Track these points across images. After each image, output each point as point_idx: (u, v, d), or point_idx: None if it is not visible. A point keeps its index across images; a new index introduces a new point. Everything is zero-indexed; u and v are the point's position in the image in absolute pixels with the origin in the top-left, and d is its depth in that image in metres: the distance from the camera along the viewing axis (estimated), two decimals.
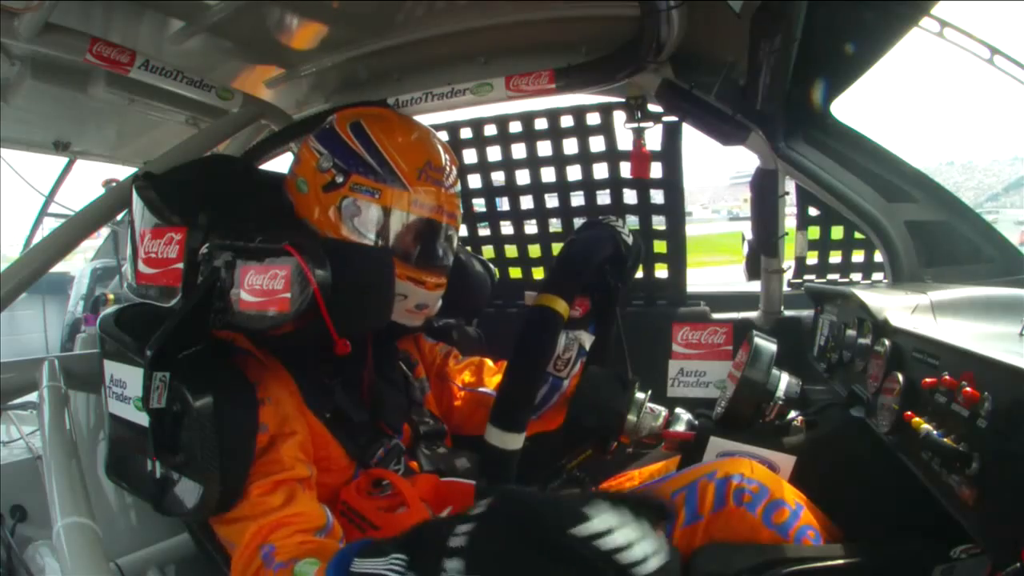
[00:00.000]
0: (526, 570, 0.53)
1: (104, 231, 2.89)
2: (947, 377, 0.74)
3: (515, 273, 2.06)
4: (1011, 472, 0.61)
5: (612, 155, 1.77)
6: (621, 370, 1.19)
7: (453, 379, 1.27)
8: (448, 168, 1.07)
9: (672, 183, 1.76)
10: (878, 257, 1.54)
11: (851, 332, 1.21)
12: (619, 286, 1.13)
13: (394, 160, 1.01)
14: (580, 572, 0.51)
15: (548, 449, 1.12)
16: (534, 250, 2.02)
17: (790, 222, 1.70)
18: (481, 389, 1.26)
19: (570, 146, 1.81)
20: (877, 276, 1.66)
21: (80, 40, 1.24)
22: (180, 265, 0.89)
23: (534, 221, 1.98)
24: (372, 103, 1.41)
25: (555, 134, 1.79)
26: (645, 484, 1.10)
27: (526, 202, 1.95)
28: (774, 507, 0.91)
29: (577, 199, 1.89)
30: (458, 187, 1.09)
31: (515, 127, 1.83)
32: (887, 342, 0.98)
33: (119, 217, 2.10)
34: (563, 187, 1.88)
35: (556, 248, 1.99)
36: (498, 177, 1.93)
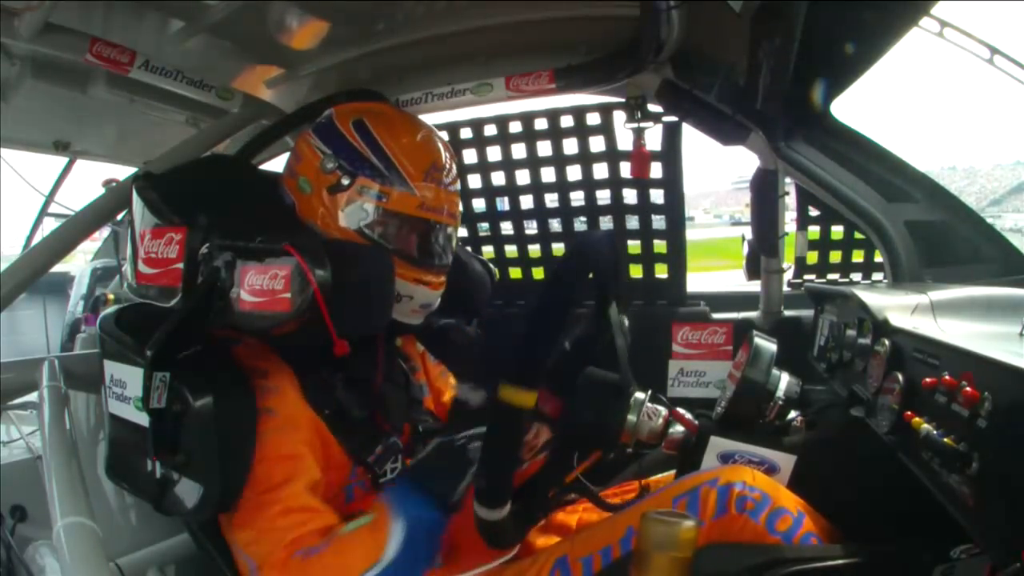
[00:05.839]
0: None
1: (104, 231, 2.89)
2: (947, 377, 0.73)
3: (515, 273, 2.06)
4: (1011, 472, 0.61)
5: (612, 155, 1.77)
6: (621, 371, 1.18)
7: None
8: (449, 167, 1.07)
9: (672, 183, 1.76)
10: (878, 257, 1.54)
11: (851, 332, 1.21)
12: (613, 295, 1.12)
13: (400, 163, 1.01)
14: None
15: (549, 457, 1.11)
16: (534, 250, 2.02)
17: (790, 223, 1.70)
18: None
19: (570, 146, 1.80)
20: (877, 276, 1.66)
21: (80, 40, 1.24)
22: (180, 265, 0.89)
23: (534, 221, 1.98)
24: (369, 92, 1.40)
25: (555, 134, 1.79)
26: (650, 494, 1.10)
27: (526, 202, 1.95)
28: (777, 515, 0.90)
29: (577, 199, 1.89)
30: (458, 185, 1.10)
31: (515, 127, 1.82)
32: (887, 342, 0.98)
33: (119, 217, 2.10)
34: (563, 187, 1.88)
35: (556, 249, 2.00)
36: (498, 177, 1.93)
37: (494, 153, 1.90)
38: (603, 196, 1.85)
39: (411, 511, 0.88)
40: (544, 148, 1.84)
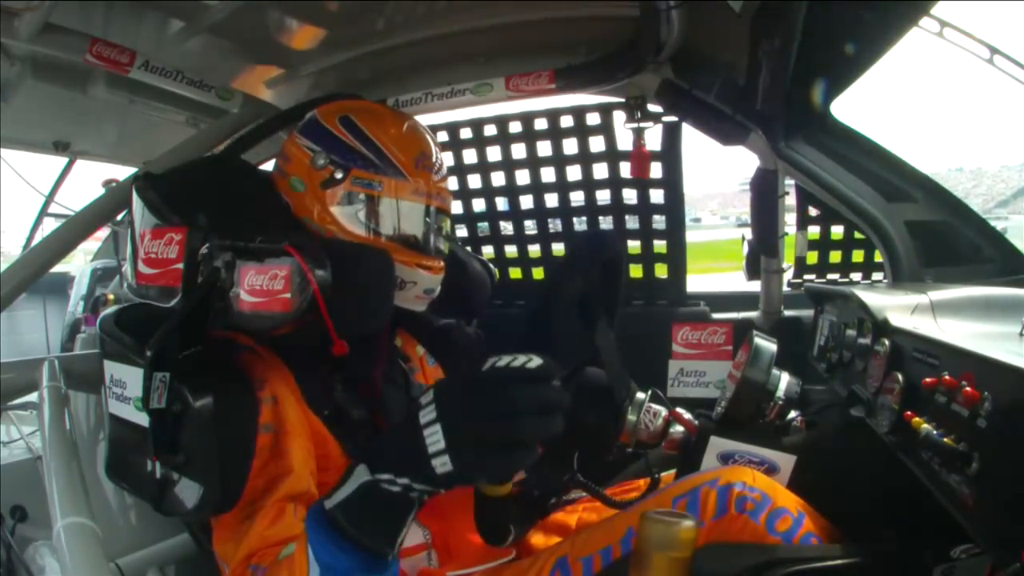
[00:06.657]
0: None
1: (104, 231, 2.89)
2: (947, 377, 0.74)
3: (515, 273, 2.06)
4: (1011, 472, 0.61)
5: (612, 155, 1.77)
6: (621, 371, 1.19)
7: None
8: (439, 161, 1.08)
9: (672, 183, 1.77)
10: (878, 257, 1.54)
11: (851, 332, 1.21)
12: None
13: (391, 152, 1.02)
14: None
15: (550, 453, 1.11)
16: (534, 250, 2.02)
17: (790, 223, 1.70)
18: None
19: (570, 146, 1.81)
20: (877, 276, 1.66)
21: (80, 40, 1.24)
22: (180, 265, 0.89)
23: (534, 221, 1.98)
24: (347, 96, 1.39)
25: (555, 134, 1.79)
26: (651, 494, 1.10)
27: (526, 202, 1.96)
28: (777, 515, 0.91)
29: (577, 199, 1.89)
30: (447, 181, 1.11)
31: (515, 127, 1.82)
32: (887, 342, 0.98)
33: (119, 217, 2.10)
34: (563, 187, 1.88)
35: (556, 249, 2.00)
36: (498, 177, 1.93)
37: (494, 153, 1.90)
38: (603, 196, 1.85)
39: (325, 559, 0.72)
40: (544, 148, 1.84)
